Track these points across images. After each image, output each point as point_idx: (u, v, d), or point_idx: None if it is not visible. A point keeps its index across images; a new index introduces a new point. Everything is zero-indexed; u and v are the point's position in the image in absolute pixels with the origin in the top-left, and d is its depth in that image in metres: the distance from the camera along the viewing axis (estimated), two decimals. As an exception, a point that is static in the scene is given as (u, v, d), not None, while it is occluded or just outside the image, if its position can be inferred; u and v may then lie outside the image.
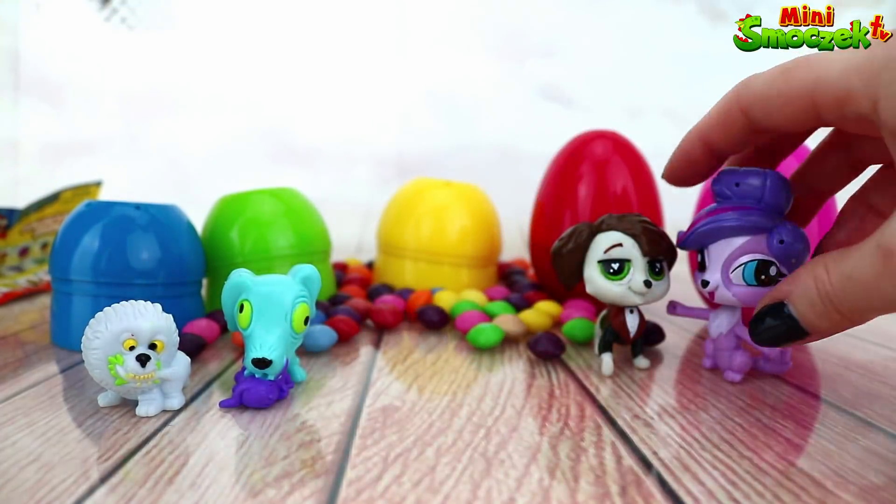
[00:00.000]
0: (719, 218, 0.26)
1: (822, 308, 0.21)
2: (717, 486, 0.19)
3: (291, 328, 0.26)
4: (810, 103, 0.21)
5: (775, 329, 0.23)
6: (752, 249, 0.26)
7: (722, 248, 0.26)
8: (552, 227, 0.45)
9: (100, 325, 0.23)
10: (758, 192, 0.26)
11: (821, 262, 0.21)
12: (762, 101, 0.22)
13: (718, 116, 0.25)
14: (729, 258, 0.26)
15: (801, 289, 0.22)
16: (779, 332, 0.23)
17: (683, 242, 0.28)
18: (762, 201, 0.26)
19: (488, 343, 0.34)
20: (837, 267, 0.20)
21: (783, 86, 0.21)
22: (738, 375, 0.29)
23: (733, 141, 0.25)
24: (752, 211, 0.26)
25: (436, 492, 0.18)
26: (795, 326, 0.22)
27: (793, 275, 0.23)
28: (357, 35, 1.16)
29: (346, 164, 1.15)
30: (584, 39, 1.20)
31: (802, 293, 0.21)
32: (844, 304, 0.20)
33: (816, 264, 0.21)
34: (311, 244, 0.43)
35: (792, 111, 0.21)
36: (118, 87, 1.10)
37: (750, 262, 0.26)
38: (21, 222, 0.53)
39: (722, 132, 0.25)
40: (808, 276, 0.21)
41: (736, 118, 0.24)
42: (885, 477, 0.20)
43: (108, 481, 0.19)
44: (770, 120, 0.22)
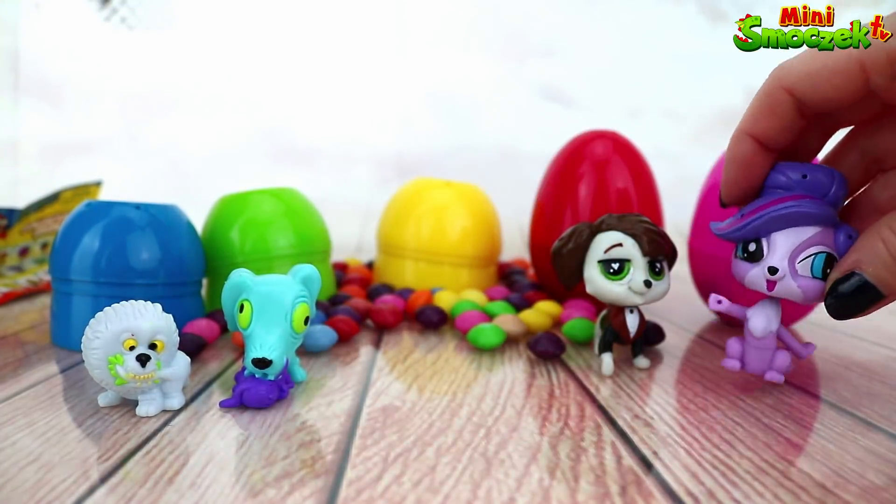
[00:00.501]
0: (797, 204, 0.24)
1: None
2: (717, 486, 0.19)
3: (291, 328, 0.26)
4: (858, 68, 0.20)
5: (852, 299, 0.22)
6: (821, 242, 0.24)
7: (789, 235, 0.25)
8: (552, 227, 0.45)
9: (100, 325, 0.23)
10: (826, 186, 0.25)
11: (884, 225, 0.21)
12: (807, 77, 0.22)
13: (762, 106, 0.24)
14: (798, 248, 0.25)
15: (870, 255, 0.22)
16: (855, 301, 0.22)
17: (740, 229, 0.26)
18: (827, 196, 0.25)
19: (488, 344, 0.34)
20: None
21: (826, 57, 0.21)
22: (782, 377, 0.27)
23: (782, 128, 0.24)
24: (823, 202, 0.24)
25: (436, 492, 0.18)
26: (872, 291, 0.22)
27: (854, 246, 0.23)
28: (357, 35, 1.16)
29: (346, 164, 1.15)
30: (584, 39, 1.20)
31: (873, 258, 0.22)
32: None
33: (881, 228, 0.21)
34: (311, 244, 0.43)
35: (840, 80, 0.21)
36: (118, 87, 1.10)
37: (819, 254, 0.24)
38: (21, 222, 0.53)
39: (770, 120, 0.24)
40: (874, 241, 0.22)
41: (782, 101, 0.23)
42: (885, 477, 0.20)
43: (108, 481, 0.19)
44: (818, 94, 0.22)
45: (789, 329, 0.38)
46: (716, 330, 0.41)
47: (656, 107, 1.19)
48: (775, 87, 0.23)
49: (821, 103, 0.23)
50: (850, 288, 0.22)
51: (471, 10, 1.18)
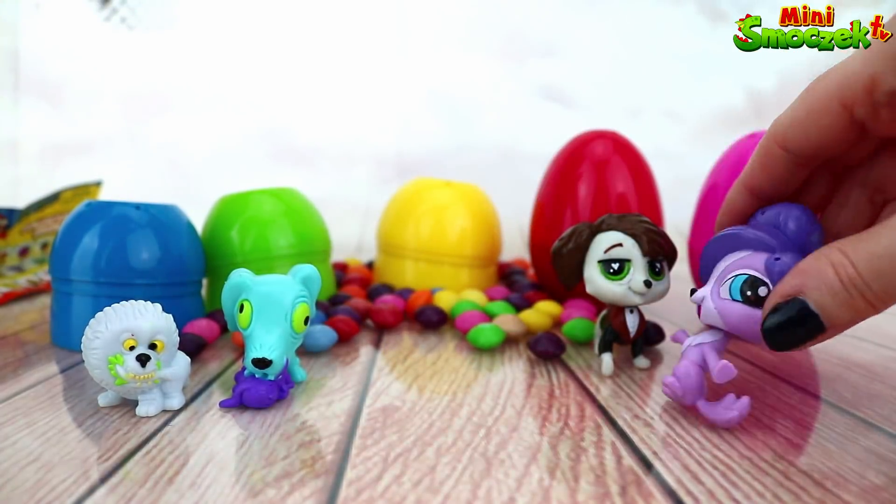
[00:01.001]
0: (728, 230, 0.25)
1: (846, 295, 0.19)
2: (717, 486, 0.19)
3: (291, 328, 0.26)
4: (840, 106, 0.20)
5: (790, 328, 0.20)
6: (746, 265, 0.23)
7: (725, 262, 0.25)
8: (552, 227, 0.45)
9: (100, 325, 0.23)
10: (777, 219, 0.24)
11: (834, 248, 0.20)
12: (795, 126, 0.22)
13: (758, 159, 0.24)
14: (725, 271, 0.24)
15: (815, 279, 0.20)
16: (793, 329, 0.20)
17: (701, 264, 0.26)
18: (780, 230, 0.24)
19: (488, 343, 0.34)
20: (862, 248, 0.19)
21: (810, 101, 0.21)
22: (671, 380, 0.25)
23: (777, 180, 0.24)
24: (765, 231, 0.24)
25: (436, 492, 0.18)
26: (813, 321, 0.20)
27: (799, 267, 0.21)
28: (357, 35, 1.16)
29: (346, 164, 1.15)
30: (584, 39, 1.20)
31: (820, 283, 0.20)
32: (874, 286, 0.18)
33: (830, 251, 0.20)
34: (311, 244, 0.43)
35: (826, 121, 0.21)
36: (118, 87, 1.10)
37: (739, 275, 0.23)
38: (21, 222, 0.53)
39: (764, 174, 0.24)
40: (822, 264, 0.20)
41: (776, 155, 0.24)
42: (885, 477, 0.20)
43: (108, 481, 0.19)
44: (808, 141, 0.22)
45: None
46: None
47: (656, 107, 1.19)
48: (769, 143, 0.24)
49: (813, 149, 0.23)
50: (788, 315, 0.20)
51: (471, 10, 1.18)
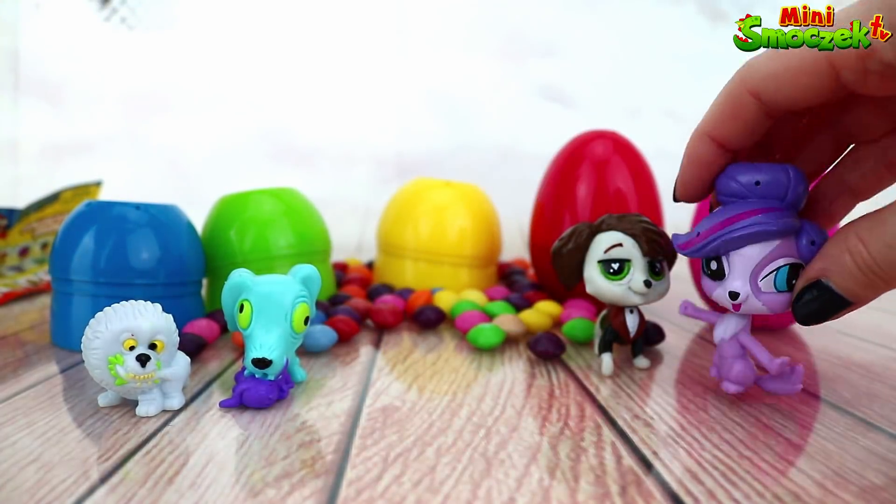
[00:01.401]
0: (753, 223, 0.23)
1: (864, 278, 0.21)
2: (717, 486, 0.19)
3: (291, 328, 0.26)
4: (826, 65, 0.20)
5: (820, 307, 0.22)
6: (783, 254, 0.23)
7: (749, 254, 0.24)
8: (552, 227, 0.45)
9: (100, 325, 0.23)
10: (783, 188, 0.23)
11: (852, 232, 0.21)
12: (772, 78, 0.21)
13: (725, 107, 0.23)
14: (759, 265, 0.24)
15: (836, 265, 0.21)
16: (823, 309, 0.22)
17: (698, 250, 0.25)
18: (785, 200, 0.23)
19: (488, 343, 0.34)
20: (874, 237, 0.20)
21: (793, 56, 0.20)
22: (736, 387, 0.26)
23: (746, 131, 0.23)
24: (782, 212, 0.23)
25: (436, 492, 0.18)
26: (839, 300, 0.22)
27: (822, 252, 0.22)
28: (357, 35, 1.16)
29: (346, 164, 1.15)
30: (584, 39, 1.20)
31: (840, 268, 0.21)
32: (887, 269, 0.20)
33: (848, 236, 0.21)
34: (311, 244, 0.43)
35: (808, 80, 0.20)
36: (118, 87, 1.10)
37: (782, 268, 0.23)
38: (21, 222, 0.53)
39: (732, 123, 0.23)
40: (840, 250, 0.21)
41: (745, 104, 0.22)
42: (885, 477, 0.20)
43: (108, 481, 0.19)
44: (784, 95, 0.21)
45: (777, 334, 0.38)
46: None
47: (656, 107, 1.19)
48: (739, 90, 0.22)
49: (788, 104, 0.22)
50: (817, 296, 0.22)
51: (471, 10, 1.18)
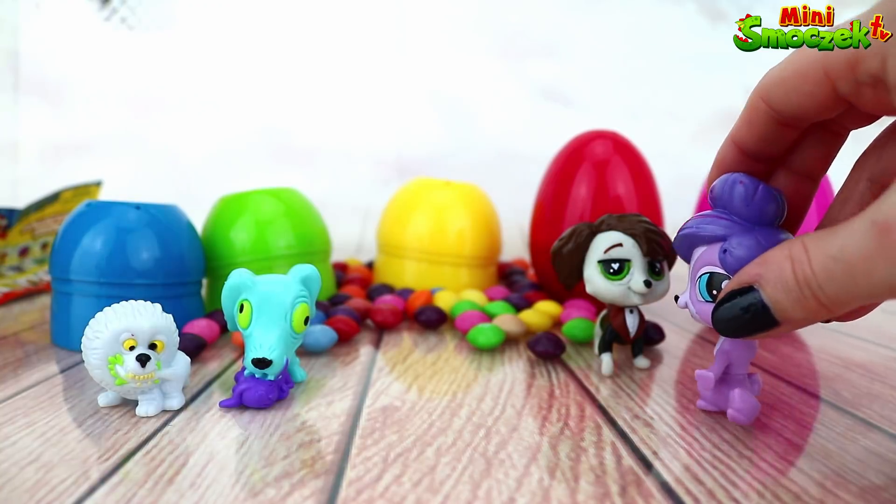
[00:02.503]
0: (685, 226, 0.24)
1: (799, 294, 0.18)
2: (717, 486, 0.19)
3: (291, 328, 0.26)
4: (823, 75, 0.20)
5: (741, 317, 0.20)
6: (707, 261, 0.23)
7: (693, 258, 0.24)
8: (552, 227, 0.45)
9: (100, 325, 0.23)
10: (723, 198, 0.23)
11: (798, 241, 0.19)
12: (779, 84, 0.21)
13: (745, 114, 0.23)
14: (693, 270, 0.23)
15: (774, 272, 0.19)
16: (745, 320, 0.20)
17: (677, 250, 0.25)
18: (729, 209, 0.23)
19: (488, 343, 0.34)
20: (820, 247, 0.18)
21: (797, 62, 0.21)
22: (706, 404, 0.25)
23: (761, 137, 0.23)
24: (714, 218, 0.23)
25: (436, 492, 0.18)
26: (765, 315, 0.19)
27: (763, 256, 0.20)
28: (357, 35, 1.16)
29: (346, 165, 1.15)
30: (584, 39, 1.20)
31: (776, 277, 0.19)
32: (827, 289, 0.18)
33: (793, 244, 0.19)
34: (311, 244, 0.43)
35: (808, 87, 0.20)
36: (118, 87, 1.10)
37: (703, 275, 0.23)
38: (21, 222, 0.53)
39: (748, 129, 0.23)
40: (782, 257, 0.19)
41: (759, 110, 0.22)
42: (885, 477, 0.20)
43: (108, 481, 0.19)
44: (790, 102, 0.21)
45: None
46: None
47: (656, 107, 1.19)
48: (755, 97, 0.23)
49: (796, 111, 0.22)
50: (742, 305, 0.20)
51: (471, 11, 1.18)
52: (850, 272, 0.17)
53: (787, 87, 0.21)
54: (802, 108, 0.21)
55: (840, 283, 0.17)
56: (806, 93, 0.21)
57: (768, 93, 0.22)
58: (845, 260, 0.17)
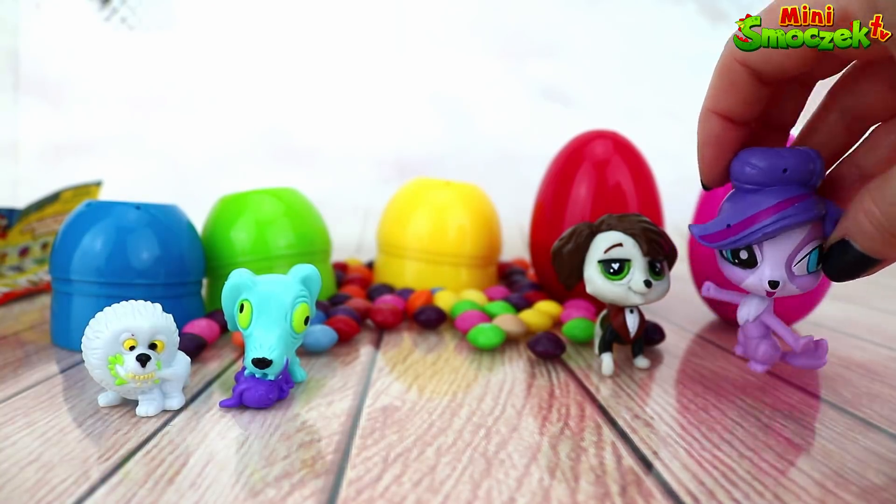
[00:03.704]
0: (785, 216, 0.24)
1: (882, 237, 0.21)
2: (717, 486, 0.19)
3: (291, 328, 0.26)
4: None
5: (846, 265, 0.23)
6: (813, 237, 0.24)
7: (784, 243, 0.24)
8: (552, 227, 0.45)
9: (100, 325, 0.23)
10: (807, 175, 0.24)
11: (867, 196, 0.21)
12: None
13: (721, 81, 0.23)
14: (793, 252, 0.24)
15: (856, 226, 0.22)
16: (852, 267, 0.23)
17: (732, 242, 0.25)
18: (810, 184, 0.24)
19: (488, 343, 0.34)
20: (881, 199, 0.21)
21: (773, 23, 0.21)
22: (762, 366, 0.27)
23: (745, 101, 0.23)
24: (811, 200, 0.24)
25: (436, 492, 0.18)
26: (864, 259, 0.22)
27: (846, 213, 0.23)
28: (357, 35, 1.16)
29: (346, 165, 1.15)
30: (584, 39, 1.20)
31: (858, 230, 0.22)
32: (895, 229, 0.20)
33: (864, 199, 0.22)
34: (311, 244, 0.43)
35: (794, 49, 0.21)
36: (118, 87, 1.10)
37: (814, 251, 0.24)
38: (21, 222, 0.53)
39: (731, 95, 0.23)
40: (858, 212, 0.22)
41: (739, 74, 0.23)
42: (885, 477, 0.20)
43: (108, 481, 0.19)
44: (772, 64, 0.22)
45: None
46: (716, 330, 0.41)
47: (656, 107, 1.19)
48: (730, 62, 0.23)
49: (778, 71, 0.22)
50: (844, 255, 0.23)
51: (471, 10, 1.18)
52: None
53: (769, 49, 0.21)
54: (783, 64, 0.22)
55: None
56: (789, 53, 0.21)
57: (746, 56, 0.22)
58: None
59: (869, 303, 0.53)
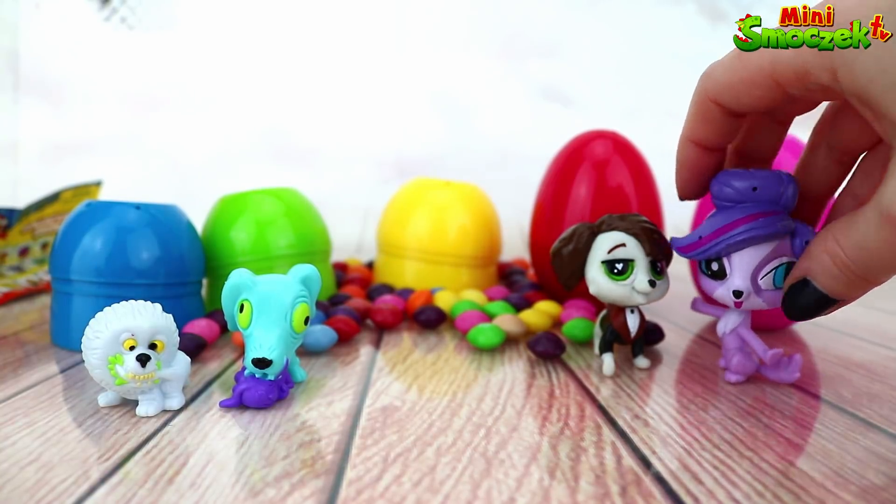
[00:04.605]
0: (751, 227, 0.25)
1: (846, 278, 0.22)
2: (717, 486, 0.19)
3: (291, 328, 0.26)
4: (772, 82, 0.21)
5: (806, 304, 0.23)
6: (780, 253, 0.26)
7: (749, 255, 0.26)
8: (552, 227, 0.45)
9: (100, 325, 0.23)
10: (777, 194, 0.25)
11: (830, 235, 0.22)
12: (727, 89, 0.23)
13: (695, 113, 0.25)
14: (759, 265, 0.26)
15: (819, 265, 0.22)
16: (811, 307, 0.23)
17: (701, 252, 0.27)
18: (780, 203, 0.26)
19: (488, 343, 0.34)
20: (847, 239, 0.21)
21: (742, 71, 0.22)
22: (736, 376, 0.29)
23: (719, 132, 0.25)
24: (778, 216, 0.25)
25: (436, 492, 0.18)
26: (825, 299, 0.23)
27: (807, 251, 0.23)
28: (357, 35, 1.16)
29: (346, 165, 1.15)
30: (584, 39, 1.20)
31: (822, 269, 0.22)
32: (863, 271, 0.21)
33: (826, 238, 0.22)
34: (311, 244, 0.43)
35: (759, 92, 0.22)
36: (118, 87, 1.10)
37: (780, 267, 0.26)
38: (21, 222, 0.53)
39: (703, 127, 0.25)
40: (821, 251, 0.22)
41: (711, 110, 0.24)
42: (885, 477, 0.20)
43: (108, 481, 0.19)
44: (741, 104, 0.23)
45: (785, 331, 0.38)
46: (715, 330, 0.41)
47: (656, 107, 1.18)
48: (703, 98, 0.24)
49: (747, 109, 0.23)
50: (804, 294, 0.23)
51: (471, 10, 1.18)
52: (877, 257, 0.20)
53: (737, 91, 0.23)
54: (752, 106, 0.23)
55: (872, 264, 0.21)
56: (756, 96, 0.22)
57: (717, 95, 0.24)
58: (868, 248, 0.20)
59: (869, 303, 0.53)
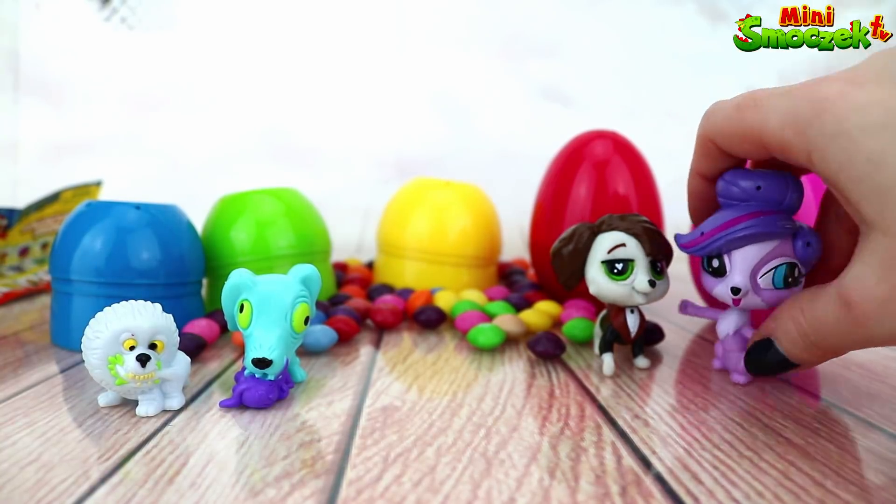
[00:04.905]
0: (752, 225, 0.25)
1: (804, 345, 0.23)
2: (717, 486, 0.19)
3: (291, 328, 0.26)
4: (761, 144, 0.22)
5: (766, 363, 0.25)
6: (780, 254, 0.26)
7: (749, 253, 0.26)
8: (552, 227, 0.45)
9: (100, 325, 0.23)
10: (781, 194, 0.26)
11: (797, 304, 0.23)
12: (722, 136, 0.24)
13: (699, 149, 0.26)
14: (758, 264, 0.26)
15: (783, 329, 0.24)
16: (770, 365, 0.25)
17: (701, 248, 0.27)
18: (783, 204, 0.26)
19: (488, 343, 0.34)
20: (809, 310, 0.22)
21: (737, 125, 0.23)
22: (744, 378, 0.29)
23: (720, 168, 0.26)
24: (780, 216, 0.25)
25: (436, 492, 0.18)
26: (785, 361, 0.24)
27: (776, 313, 0.25)
28: (357, 35, 1.16)
29: (346, 165, 1.15)
30: (584, 39, 1.19)
31: (785, 333, 0.24)
32: (822, 343, 0.22)
33: (793, 306, 0.23)
34: (311, 244, 0.43)
35: (749, 147, 0.23)
36: (118, 87, 1.10)
37: (780, 267, 0.26)
38: (21, 222, 0.53)
39: (706, 162, 0.26)
40: (787, 317, 0.24)
41: (711, 149, 0.25)
42: (885, 477, 0.20)
43: (108, 481, 0.19)
44: (732, 150, 0.24)
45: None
46: (715, 330, 0.41)
47: (656, 107, 1.18)
48: (703, 137, 0.25)
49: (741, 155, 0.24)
50: (765, 355, 0.25)
51: (471, 10, 1.18)
52: (833, 333, 0.21)
53: (729, 141, 0.24)
54: (746, 156, 0.24)
55: (829, 340, 0.22)
56: (747, 150, 0.24)
57: (713, 137, 0.25)
58: (826, 323, 0.21)
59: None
